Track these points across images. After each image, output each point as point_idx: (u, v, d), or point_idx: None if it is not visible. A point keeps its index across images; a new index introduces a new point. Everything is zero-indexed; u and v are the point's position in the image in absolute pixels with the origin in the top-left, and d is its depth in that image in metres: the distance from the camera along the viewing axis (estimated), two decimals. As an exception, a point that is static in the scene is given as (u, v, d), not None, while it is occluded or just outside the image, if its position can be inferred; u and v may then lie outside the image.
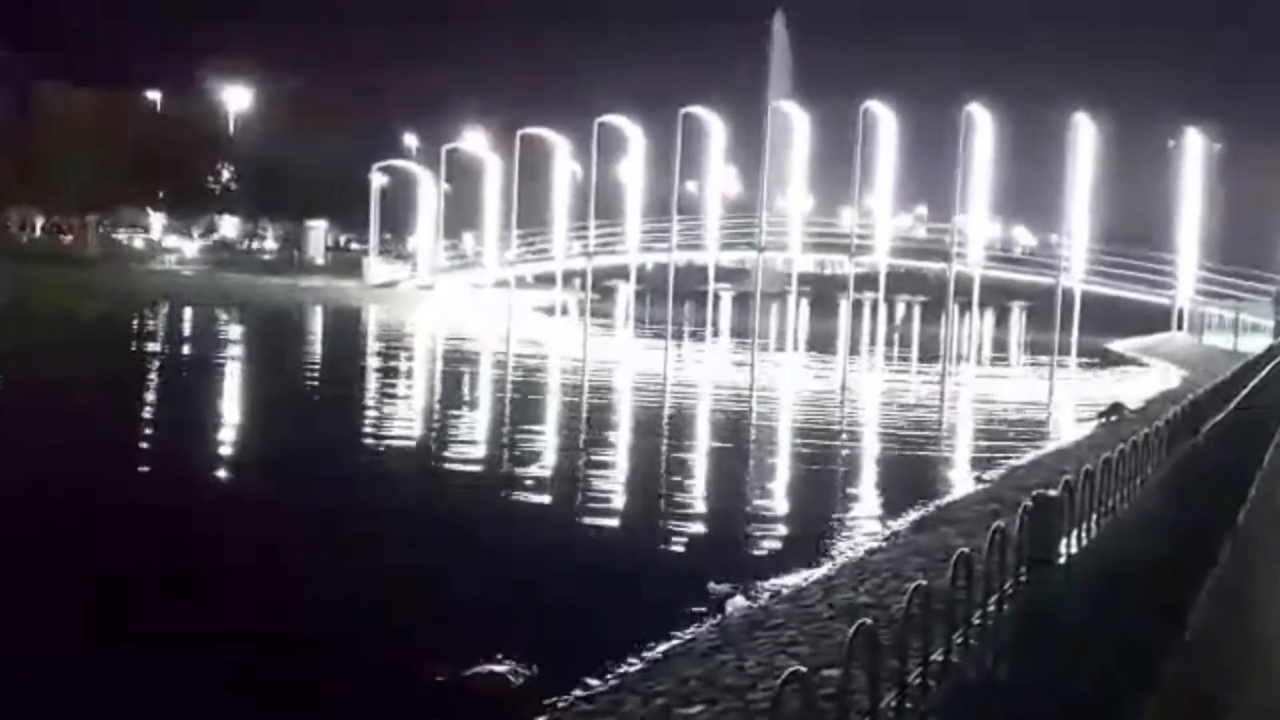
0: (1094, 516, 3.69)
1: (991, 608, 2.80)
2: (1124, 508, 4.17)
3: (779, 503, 14.23)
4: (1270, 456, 10.71)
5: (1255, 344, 21.11)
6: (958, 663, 2.65)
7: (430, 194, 60.33)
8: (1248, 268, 46.70)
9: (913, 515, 12.55)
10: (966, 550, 2.70)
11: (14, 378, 23.50)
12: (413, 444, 17.80)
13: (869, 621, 2.41)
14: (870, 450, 19.02)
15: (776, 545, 11.58)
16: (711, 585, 9.68)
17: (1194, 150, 48.86)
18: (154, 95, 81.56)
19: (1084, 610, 3.51)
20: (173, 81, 79.16)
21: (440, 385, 27.08)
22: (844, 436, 19.97)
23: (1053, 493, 3.33)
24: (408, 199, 60.93)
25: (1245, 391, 8.72)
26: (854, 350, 40.65)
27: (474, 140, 64.20)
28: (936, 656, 2.58)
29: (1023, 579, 2.97)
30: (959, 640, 2.68)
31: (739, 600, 9.29)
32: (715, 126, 56.76)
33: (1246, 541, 7.93)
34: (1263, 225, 46.72)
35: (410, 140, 75.09)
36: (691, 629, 8.56)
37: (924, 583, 2.67)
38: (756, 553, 11.18)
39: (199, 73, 75.07)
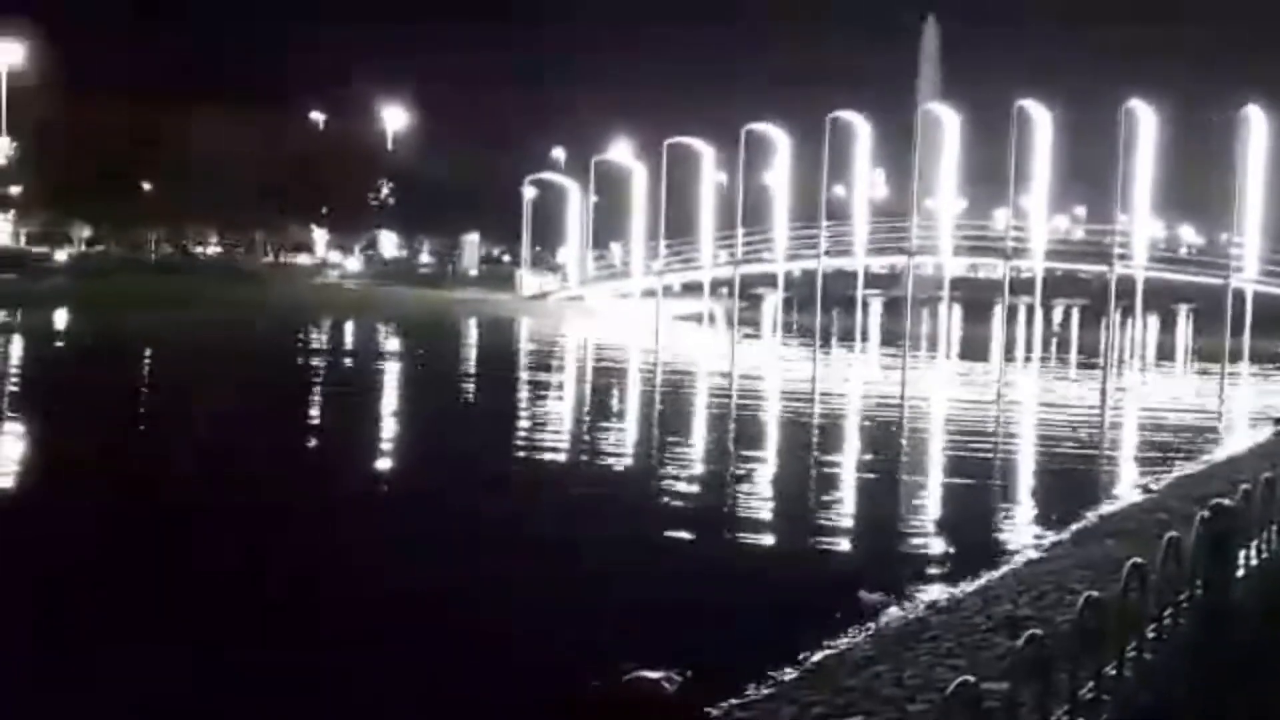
0: (1275, 527, 3.55)
1: (1167, 621, 2.73)
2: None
3: (935, 513, 13.97)
4: None
5: None
6: (1130, 678, 2.59)
7: (579, 206, 61.15)
8: None
9: (1075, 526, 12.17)
10: (1139, 560, 2.64)
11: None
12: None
13: (1038, 632, 2.38)
14: (1029, 459, 18.52)
15: (933, 555, 11.38)
16: (863, 594, 9.57)
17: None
18: (316, 115, 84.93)
19: (1264, 627, 3.38)
20: (332, 101, 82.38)
21: (596, 397, 27.34)
22: (1002, 446, 19.49)
23: (1228, 502, 3.22)
24: (557, 211, 61.91)
25: None
26: (1010, 356, 39.61)
27: (621, 151, 64.84)
28: (1108, 670, 2.53)
29: (1198, 591, 2.89)
30: (1131, 654, 2.62)
31: (893, 610, 9.18)
32: (863, 130, 56.05)
33: None
34: None
35: (559, 153, 76.29)
36: (845, 639, 8.49)
37: (1095, 594, 2.61)
38: (912, 563, 11.02)
39: (357, 92, 77.85)
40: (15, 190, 64.62)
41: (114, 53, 68.41)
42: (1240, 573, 3.25)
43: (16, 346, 34.49)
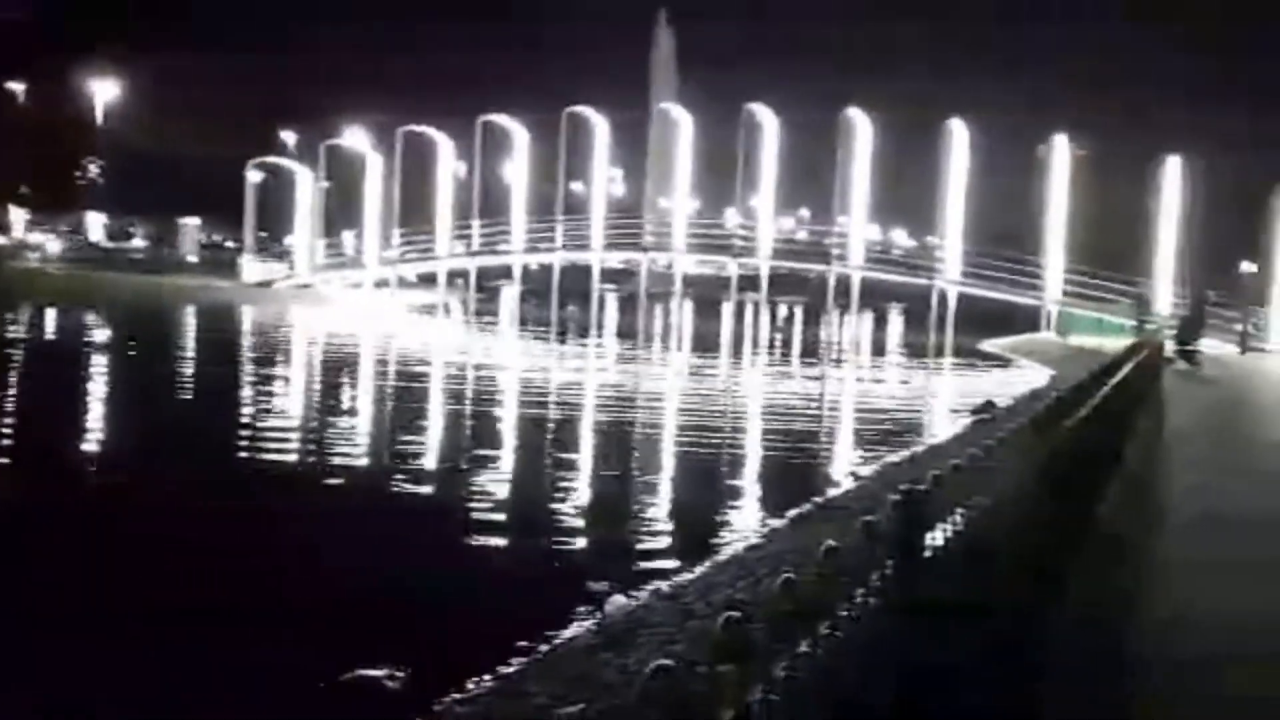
0: (959, 511, 3.76)
1: (859, 599, 2.83)
2: (992, 500, 4.27)
3: (663, 505, 14.28)
4: (1131, 445, 11.12)
5: (1117, 344, 22.01)
6: (821, 654, 2.65)
7: (308, 191, 59.15)
8: (1111, 271, 48.59)
9: (792, 513, 12.70)
10: (834, 543, 2.71)
11: None
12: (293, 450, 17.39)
13: (735, 615, 2.41)
14: (751, 451, 19.23)
15: (659, 546, 11.61)
16: (591, 585, 9.66)
17: (1062, 156, 50.67)
18: (14, 84, 78.31)
19: (948, 589, 3.59)
20: (33, 68, 76.01)
21: (327, 392, 26.52)
22: (726, 438, 20.16)
23: (921, 487, 3.39)
24: (286, 197, 59.62)
25: (1107, 388, 9.04)
26: (737, 351, 41.09)
27: (355, 137, 63.15)
28: (804, 649, 2.59)
29: (888, 570, 3.01)
30: (825, 632, 2.69)
31: (619, 599, 9.29)
32: (600, 126, 56.86)
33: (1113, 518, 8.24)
34: (1125, 230, 48.72)
35: (288, 137, 73.44)
36: (572, 629, 8.53)
37: (792, 576, 2.68)
38: (638, 554, 11.19)
39: (63, 59, 72.25)
40: None
41: None
42: (929, 552, 3.46)
43: None
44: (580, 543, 11.84)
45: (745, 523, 12.71)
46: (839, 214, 52.61)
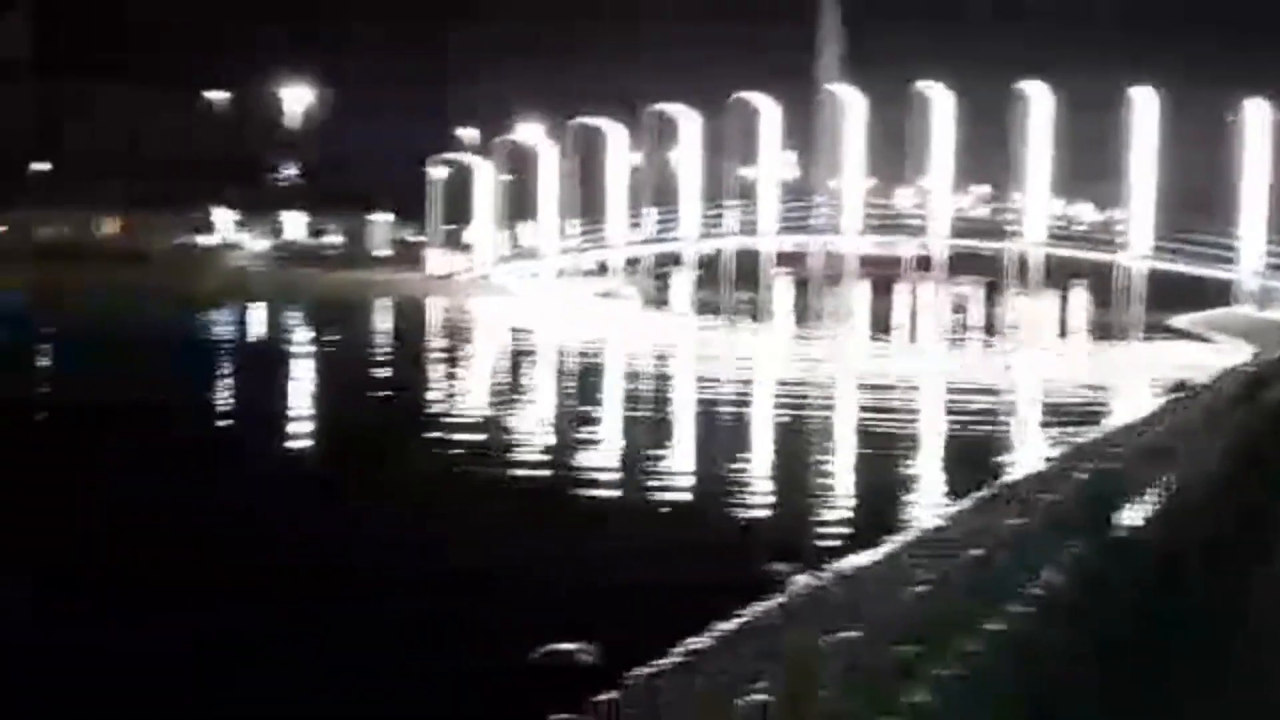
0: (1148, 490, 3.82)
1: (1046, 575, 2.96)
2: (1189, 476, 4.30)
3: (847, 486, 14.34)
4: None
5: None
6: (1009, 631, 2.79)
7: (488, 185, 60.81)
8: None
9: (978, 495, 12.59)
10: (1016, 523, 2.86)
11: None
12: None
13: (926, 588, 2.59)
14: (935, 433, 19.03)
15: (843, 526, 11.71)
16: (772, 565, 9.83)
17: (1256, 122, 47.88)
18: (220, 94, 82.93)
19: (1145, 568, 3.66)
20: (237, 78, 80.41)
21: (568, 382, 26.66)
22: (909, 419, 19.96)
23: (1114, 466, 3.49)
24: (466, 191, 61.46)
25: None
26: (915, 333, 40.43)
27: (530, 131, 64.52)
28: (996, 626, 2.73)
29: (1074, 551, 3.12)
30: (1017, 610, 2.83)
31: (802, 577, 9.44)
32: (768, 110, 56.58)
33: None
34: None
35: (469, 133, 75.61)
36: (756, 605, 8.74)
37: (981, 552, 2.84)
38: (824, 534, 11.32)
39: (263, 69, 76.20)
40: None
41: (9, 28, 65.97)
42: (1120, 532, 3.52)
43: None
44: (763, 521, 12.04)
45: (928, 504, 12.68)
46: (1018, 189, 51.01)
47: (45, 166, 76.05)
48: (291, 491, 13.06)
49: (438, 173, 61.91)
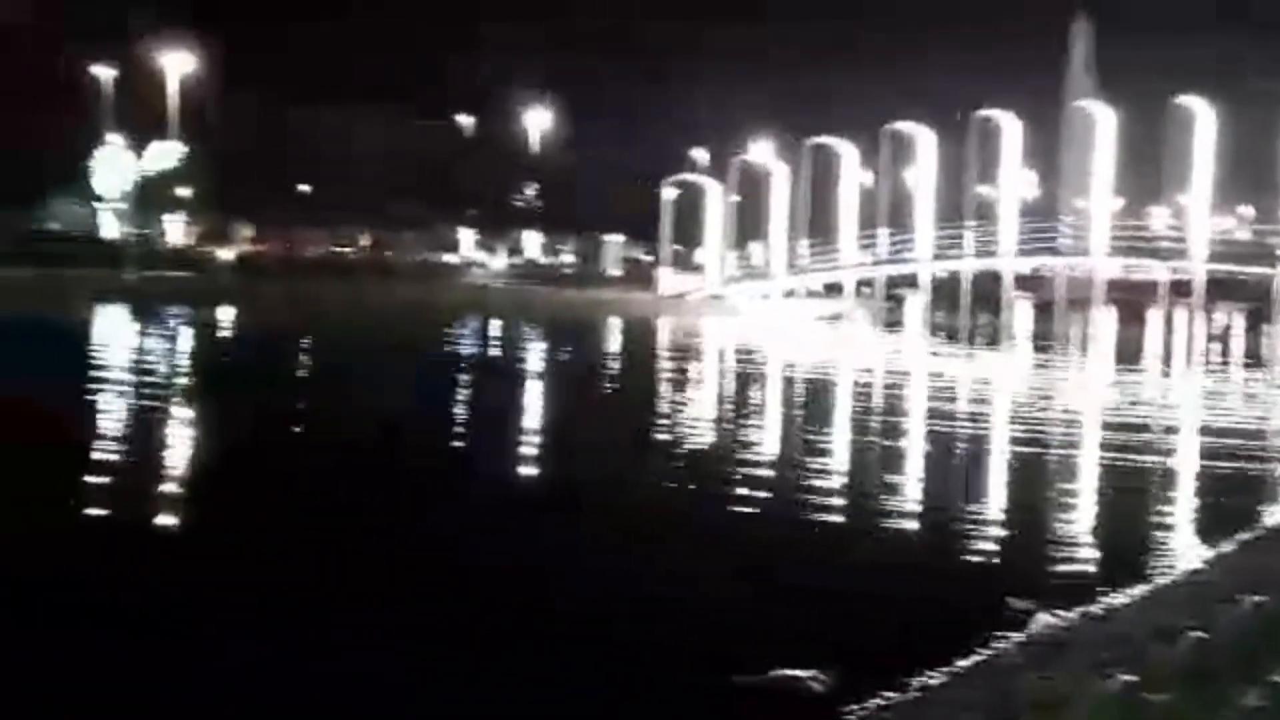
0: None
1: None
2: None
3: (1092, 522, 13.68)
4: None
5: None
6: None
7: (718, 206, 61.30)
8: None
9: (1241, 537, 11.78)
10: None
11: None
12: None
13: (1201, 636, 2.42)
14: (1188, 469, 17.91)
15: (1089, 565, 11.16)
16: (1011, 601, 9.48)
17: None
18: (464, 117, 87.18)
19: None
20: (477, 102, 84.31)
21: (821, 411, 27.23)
22: (1160, 453, 18.86)
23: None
24: (697, 211, 62.17)
25: None
26: (1167, 362, 38.21)
27: (761, 151, 64.70)
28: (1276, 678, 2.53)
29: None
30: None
31: (1044, 617, 9.06)
32: (1010, 127, 54.87)
33: None
34: None
35: (699, 153, 76.58)
36: (996, 643, 8.44)
37: (1261, 599, 2.63)
38: (1067, 571, 10.83)
39: (502, 92, 79.45)
40: (186, 192, 67.85)
41: (266, 53, 71.19)
42: None
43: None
44: (1004, 555, 11.61)
45: (1182, 545, 11.93)
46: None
47: (306, 188, 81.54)
48: (537, 514, 13.34)
49: (669, 193, 62.84)
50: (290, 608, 9.23)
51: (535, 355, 36.37)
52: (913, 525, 13.04)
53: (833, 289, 59.05)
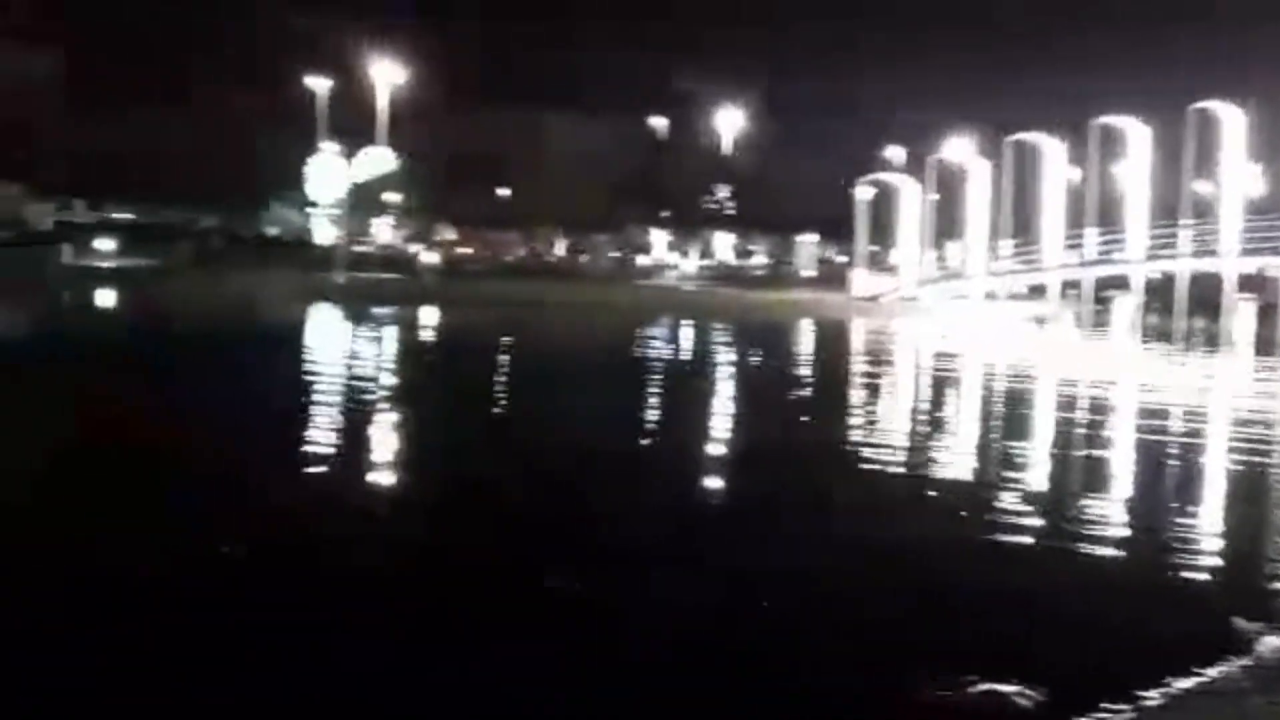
0: None
1: None
2: None
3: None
4: None
5: None
6: None
7: (914, 205, 59.98)
8: None
9: None
10: None
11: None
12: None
13: None
14: None
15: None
16: (1238, 623, 8.94)
17: None
18: (657, 120, 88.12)
19: None
20: (672, 108, 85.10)
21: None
22: None
23: None
24: (891, 211, 61.00)
25: None
26: None
27: (958, 147, 63.03)
28: None
29: None
30: None
31: (1274, 640, 8.51)
32: (1232, 119, 51.87)
33: None
34: None
35: (895, 151, 75.22)
36: (1219, 666, 7.98)
37: None
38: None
39: (696, 96, 79.90)
40: (398, 197, 70.97)
41: (464, 62, 73.61)
42: None
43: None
44: (1229, 574, 10.97)
45: None
46: None
47: (505, 191, 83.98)
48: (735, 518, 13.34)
49: (864, 193, 61.88)
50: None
51: (726, 359, 36.31)
52: (1129, 540, 12.45)
53: (1036, 291, 57.00)
